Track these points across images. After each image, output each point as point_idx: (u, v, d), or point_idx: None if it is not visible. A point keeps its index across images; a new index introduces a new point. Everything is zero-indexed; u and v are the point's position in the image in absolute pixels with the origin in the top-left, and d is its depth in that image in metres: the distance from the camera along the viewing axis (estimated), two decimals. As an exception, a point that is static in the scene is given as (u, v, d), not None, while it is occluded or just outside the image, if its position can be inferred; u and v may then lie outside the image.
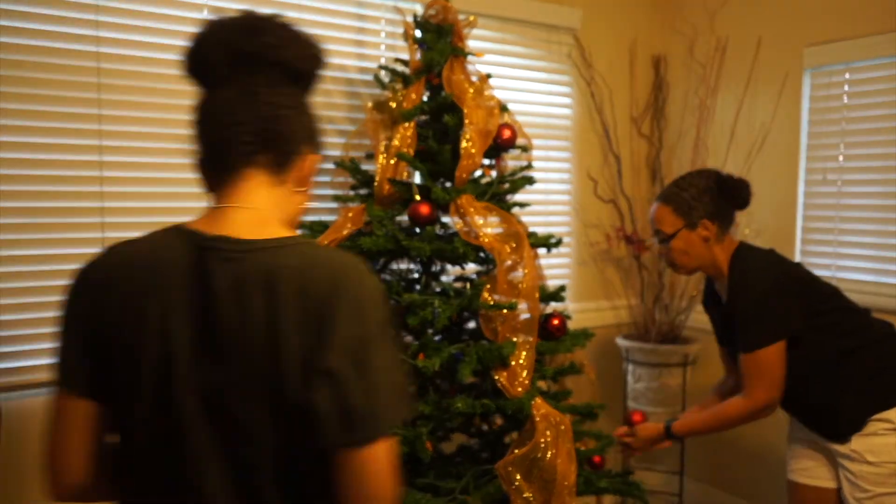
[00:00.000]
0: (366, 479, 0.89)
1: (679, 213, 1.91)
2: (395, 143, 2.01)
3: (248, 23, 0.97)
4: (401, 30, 2.37)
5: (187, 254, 0.92)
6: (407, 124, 2.03)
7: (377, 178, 2.04)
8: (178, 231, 0.96)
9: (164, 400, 0.90)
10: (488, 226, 1.97)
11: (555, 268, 3.02)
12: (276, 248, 0.92)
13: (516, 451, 1.83)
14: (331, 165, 2.29)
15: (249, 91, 0.95)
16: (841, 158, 2.67)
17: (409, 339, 2.05)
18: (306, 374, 0.87)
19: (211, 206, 0.99)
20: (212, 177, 0.99)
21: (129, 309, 0.91)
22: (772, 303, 1.81)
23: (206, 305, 0.90)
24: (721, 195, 1.91)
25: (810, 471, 1.98)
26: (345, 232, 2.01)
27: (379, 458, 0.89)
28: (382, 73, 2.28)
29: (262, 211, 0.97)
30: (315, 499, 0.93)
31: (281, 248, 0.92)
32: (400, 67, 2.19)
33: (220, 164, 0.98)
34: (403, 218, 2.03)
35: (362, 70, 2.45)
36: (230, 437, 0.90)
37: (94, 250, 2.01)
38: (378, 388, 0.88)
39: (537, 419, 1.84)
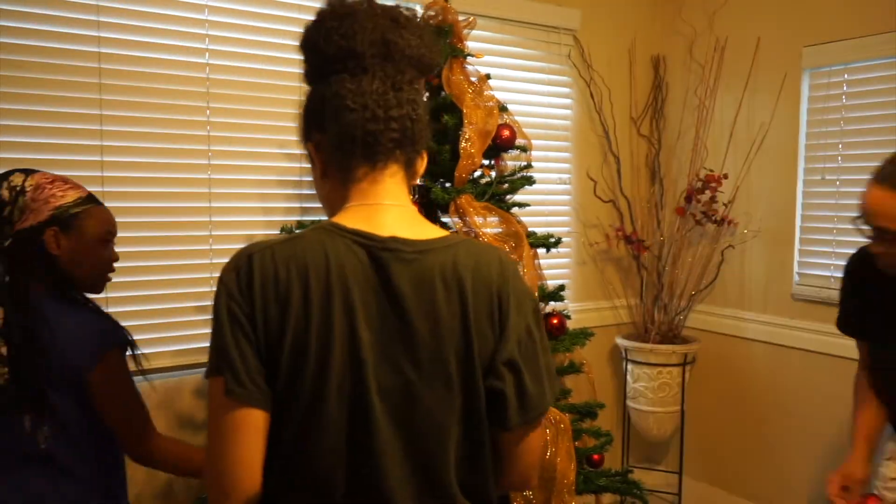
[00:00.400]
0: (531, 451, 1.02)
1: None
2: (395, 143, 2.02)
3: (393, 14, 0.95)
4: (401, 30, 2.37)
5: (364, 256, 0.92)
6: (407, 124, 2.04)
7: (377, 178, 2.05)
8: (336, 231, 0.93)
9: (353, 402, 0.90)
10: (488, 226, 1.97)
11: (554, 268, 3.02)
12: (446, 248, 0.95)
13: (516, 449, 1.84)
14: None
15: (397, 86, 0.94)
16: (839, 158, 2.68)
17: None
18: (493, 364, 0.94)
19: (359, 203, 0.96)
20: (349, 166, 0.96)
21: (315, 313, 0.88)
22: None
23: (392, 307, 0.91)
24: None
25: None
26: (345, 232, 2.01)
27: (541, 433, 1.04)
28: (382, 73, 2.28)
29: (411, 208, 0.98)
30: (483, 481, 0.98)
31: (450, 248, 0.96)
32: (400, 68, 2.20)
33: (365, 156, 0.95)
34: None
35: (362, 70, 2.45)
36: (415, 434, 0.92)
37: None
38: (541, 371, 0.98)
39: (537, 418, 1.84)
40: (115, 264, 1.53)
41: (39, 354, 1.32)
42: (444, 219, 2.14)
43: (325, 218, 0.99)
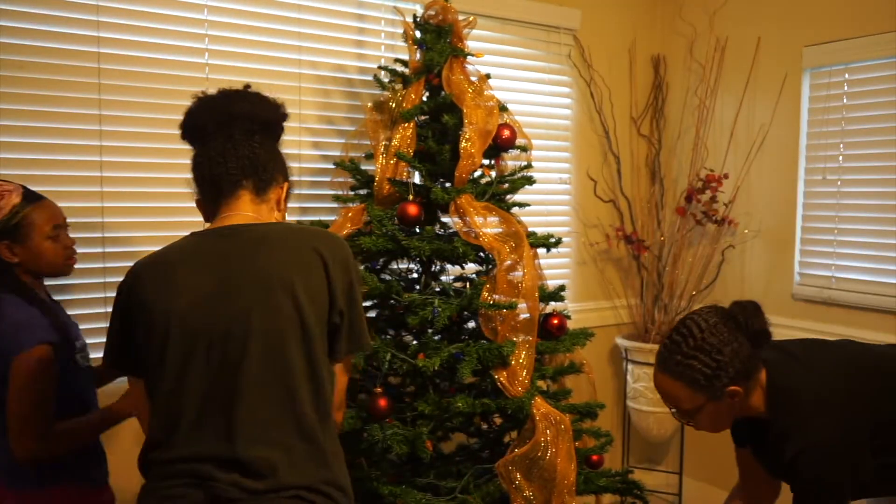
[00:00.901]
0: (343, 374, 1.38)
1: (696, 389, 1.47)
2: (395, 143, 2.02)
3: (227, 94, 1.34)
4: (401, 30, 2.37)
5: (207, 240, 1.26)
6: (406, 124, 2.04)
7: (377, 178, 2.05)
8: (194, 233, 1.28)
9: (217, 338, 1.19)
10: (488, 226, 1.97)
11: (555, 268, 3.02)
12: (267, 224, 1.30)
13: (516, 450, 1.84)
14: (331, 165, 2.29)
15: (231, 139, 1.30)
16: (840, 158, 2.68)
17: (409, 338, 2.06)
18: (332, 305, 1.25)
19: (219, 217, 1.31)
20: (210, 204, 1.33)
21: (169, 282, 1.21)
22: (836, 466, 1.44)
23: (222, 264, 1.22)
24: (737, 339, 1.46)
25: None
26: (345, 232, 2.01)
27: (347, 366, 1.40)
28: (382, 73, 2.28)
29: (251, 216, 1.31)
30: (326, 389, 1.25)
31: (270, 224, 1.31)
32: (399, 68, 2.20)
33: (216, 192, 1.31)
34: (403, 218, 2.04)
35: (362, 70, 2.45)
36: (236, 359, 1.18)
37: (94, 250, 2.02)
38: (361, 316, 1.32)
39: (537, 418, 1.84)
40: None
41: None
42: (444, 219, 2.14)
43: (320, 218, 1.12)
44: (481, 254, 2.08)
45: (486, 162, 2.14)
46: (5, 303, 1.53)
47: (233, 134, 1.30)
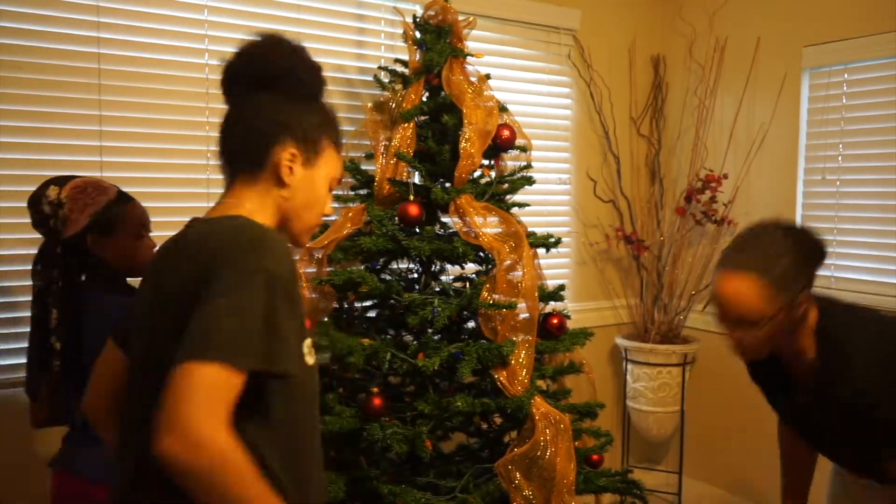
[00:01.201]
0: (171, 389, 0.88)
1: (779, 289, 1.33)
2: (395, 143, 2.02)
3: (234, 52, 1.13)
4: (400, 30, 2.37)
5: (169, 241, 1.14)
6: (406, 124, 2.04)
7: (377, 178, 2.05)
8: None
9: (142, 339, 1.10)
10: (487, 226, 1.97)
11: (554, 268, 3.02)
12: (208, 220, 1.08)
13: (516, 449, 1.84)
14: (331, 165, 2.29)
15: (231, 103, 1.14)
16: (840, 158, 2.68)
17: (408, 338, 2.06)
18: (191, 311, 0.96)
19: None
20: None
21: (142, 283, 1.15)
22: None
23: (159, 271, 1.09)
24: (805, 248, 1.39)
25: None
26: (345, 232, 2.01)
27: (184, 377, 0.88)
28: (382, 73, 2.28)
29: (237, 200, 1.11)
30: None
31: (212, 220, 1.08)
32: (399, 68, 2.20)
33: (222, 171, 1.17)
34: (403, 218, 2.04)
35: (362, 70, 2.45)
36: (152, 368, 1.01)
37: (95, 250, 2.01)
38: (218, 315, 0.92)
39: (537, 418, 1.84)
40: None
41: (82, 345, 1.52)
42: (444, 219, 2.14)
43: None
44: (481, 254, 2.08)
45: (485, 162, 2.14)
46: (97, 296, 1.56)
47: (229, 98, 1.15)
